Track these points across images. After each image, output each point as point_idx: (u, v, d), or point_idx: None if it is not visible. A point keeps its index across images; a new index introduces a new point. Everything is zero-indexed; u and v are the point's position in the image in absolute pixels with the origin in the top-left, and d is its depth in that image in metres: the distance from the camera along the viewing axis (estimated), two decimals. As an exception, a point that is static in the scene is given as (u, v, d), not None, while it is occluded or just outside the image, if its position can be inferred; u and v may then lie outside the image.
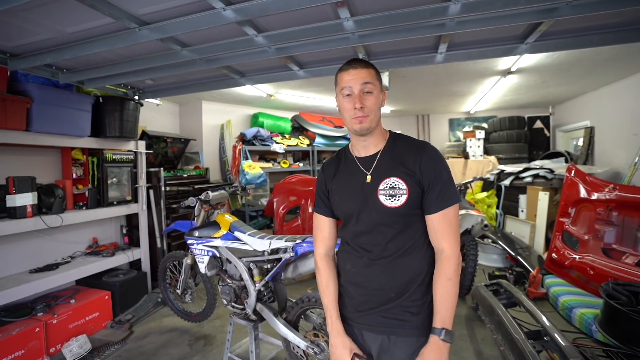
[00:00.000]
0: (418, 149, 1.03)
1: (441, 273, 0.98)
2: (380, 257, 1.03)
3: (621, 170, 4.07)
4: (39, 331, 2.30)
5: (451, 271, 0.97)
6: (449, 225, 0.99)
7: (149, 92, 3.22)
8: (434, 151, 1.02)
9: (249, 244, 1.99)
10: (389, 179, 1.01)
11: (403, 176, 1.00)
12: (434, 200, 0.98)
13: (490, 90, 4.64)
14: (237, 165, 4.63)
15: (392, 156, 1.05)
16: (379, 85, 1.04)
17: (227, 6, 1.53)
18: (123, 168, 3.25)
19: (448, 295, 0.97)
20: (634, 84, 3.96)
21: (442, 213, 0.98)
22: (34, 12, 1.62)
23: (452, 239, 0.99)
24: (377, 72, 1.05)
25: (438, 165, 1.00)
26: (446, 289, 0.97)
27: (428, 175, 0.99)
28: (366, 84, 1.00)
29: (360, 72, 1.01)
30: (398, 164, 1.02)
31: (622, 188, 2.99)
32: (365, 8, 1.65)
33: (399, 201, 0.99)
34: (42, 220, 2.46)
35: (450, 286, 0.97)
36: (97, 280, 2.99)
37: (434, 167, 0.99)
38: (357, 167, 1.08)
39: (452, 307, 0.97)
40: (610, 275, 2.74)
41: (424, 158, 1.00)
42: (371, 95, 1.01)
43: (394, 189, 1.00)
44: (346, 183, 1.10)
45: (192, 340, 2.67)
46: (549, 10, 1.57)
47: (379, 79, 1.05)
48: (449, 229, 0.99)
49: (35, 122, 2.46)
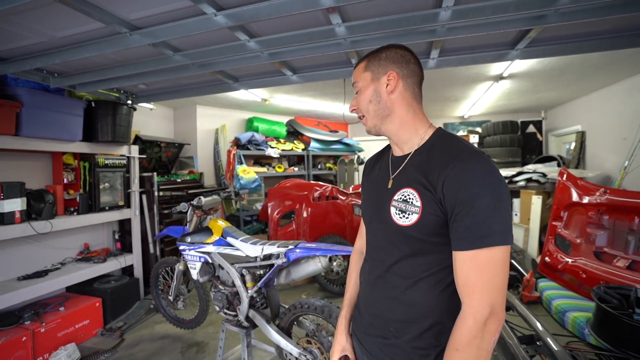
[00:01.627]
0: (452, 156, 0.75)
1: (451, 338, 0.72)
2: (383, 280, 0.86)
3: (612, 174, 4.12)
4: (25, 340, 2.25)
5: (462, 338, 0.69)
6: (477, 273, 0.69)
7: (142, 96, 3.21)
8: (473, 164, 0.72)
9: (241, 249, 1.97)
10: (406, 189, 0.81)
11: (421, 189, 0.78)
12: (461, 234, 0.71)
13: (483, 95, 4.68)
14: (231, 169, 4.61)
15: (422, 161, 0.83)
16: (366, 77, 0.89)
17: (218, 12, 1.53)
18: (116, 173, 3.22)
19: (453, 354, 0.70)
20: (623, 90, 4.03)
21: (470, 255, 0.70)
22: (24, 16, 1.60)
23: (479, 294, 0.68)
24: (368, 61, 0.90)
25: (474, 185, 0.70)
26: (450, 347, 0.71)
27: (453, 196, 0.72)
28: (354, 84, 0.92)
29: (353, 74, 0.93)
30: (422, 172, 0.80)
31: (613, 192, 3.02)
32: (357, 14, 1.66)
33: (409, 220, 0.78)
34: (31, 226, 2.42)
35: (456, 344, 0.69)
36: (88, 287, 2.94)
37: (465, 187, 0.71)
38: (387, 168, 0.92)
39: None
40: (602, 278, 2.77)
41: (452, 171, 0.73)
42: (359, 95, 0.90)
43: (407, 204, 0.79)
44: (374, 184, 0.96)
45: (185, 347, 2.63)
46: (538, 18, 1.59)
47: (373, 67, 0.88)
48: (476, 278, 0.69)
49: (25, 126, 2.42)
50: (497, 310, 0.68)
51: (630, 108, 3.89)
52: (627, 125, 3.86)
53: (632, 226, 2.85)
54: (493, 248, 0.68)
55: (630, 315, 2.10)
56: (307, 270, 1.83)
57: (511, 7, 1.47)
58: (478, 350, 0.68)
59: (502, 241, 0.68)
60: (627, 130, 3.84)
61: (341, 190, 4.14)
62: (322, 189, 3.92)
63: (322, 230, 3.76)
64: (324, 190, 3.92)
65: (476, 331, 0.67)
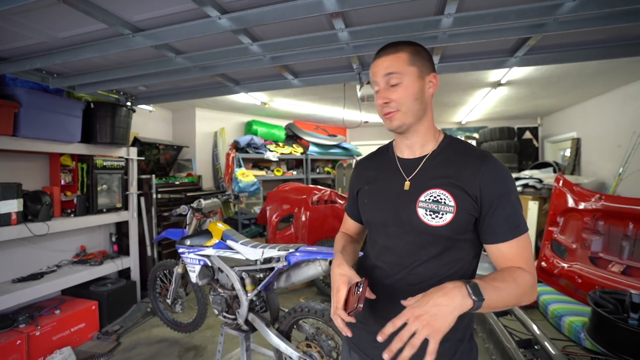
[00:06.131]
0: (479, 158, 0.82)
1: (514, 276, 0.77)
2: (405, 283, 0.85)
3: (606, 180, 4.18)
4: (20, 344, 2.21)
5: (523, 281, 0.76)
6: (528, 253, 0.81)
7: (141, 98, 3.20)
8: (499, 164, 0.82)
9: (241, 252, 1.96)
10: (434, 190, 0.82)
11: (452, 190, 0.81)
12: (502, 226, 0.79)
13: (481, 102, 4.73)
14: (230, 173, 4.60)
15: (443, 162, 0.85)
16: (414, 71, 0.83)
17: (222, 15, 1.53)
18: (114, 175, 3.20)
19: (509, 283, 0.74)
20: (618, 98, 4.10)
21: (514, 242, 0.79)
22: (26, 16, 1.60)
23: (532, 268, 0.81)
24: (414, 54, 0.84)
25: (506, 182, 0.80)
26: (509, 275, 0.76)
27: (491, 194, 0.79)
28: (390, 74, 0.83)
29: (385, 62, 0.84)
30: (449, 173, 0.83)
31: (608, 198, 3.06)
32: (360, 19, 1.68)
33: (443, 220, 0.80)
34: (28, 227, 2.40)
35: (517, 280, 0.75)
36: (84, 290, 2.91)
37: (500, 184, 0.79)
38: (396, 170, 0.91)
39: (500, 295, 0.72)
40: (597, 283, 2.79)
41: (487, 171, 0.80)
42: (399, 87, 0.83)
43: (439, 204, 0.81)
44: (381, 186, 0.93)
45: (182, 351, 2.61)
46: (538, 26, 1.62)
47: (417, 62, 0.84)
48: (526, 256, 0.80)
49: (23, 127, 2.40)
50: (536, 279, 0.81)
51: (625, 116, 3.95)
52: (622, 132, 3.92)
53: (626, 232, 2.88)
54: (525, 235, 0.81)
55: (625, 320, 2.12)
56: (307, 274, 1.83)
57: (512, 15, 1.49)
58: (525, 290, 0.77)
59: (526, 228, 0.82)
60: (621, 137, 3.90)
61: (339, 194, 4.15)
62: (321, 192, 3.92)
63: (320, 234, 3.76)
64: (322, 194, 3.92)
65: (533, 283, 0.79)
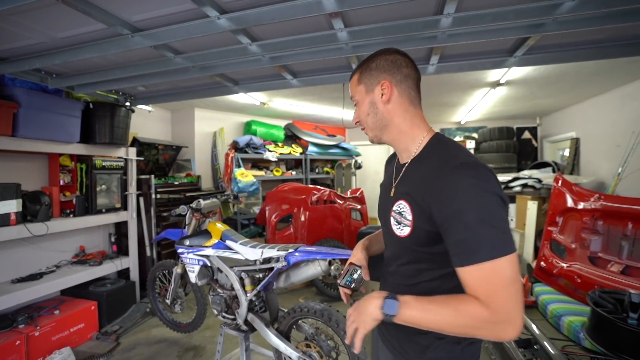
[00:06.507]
0: (438, 168, 0.74)
1: (457, 299, 0.69)
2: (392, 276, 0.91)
3: (605, 180, 4.19)
4: (19, 344, 2.21)
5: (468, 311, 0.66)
6: (488, 286, 0.65)
7: (140, 98, 3.20)
8: (456, 178, 0.69)
9: (240, 253, 1.96)
10: (401, 201, 0.81)
11: (412, 203, 0.78)
12: (454, 250, 0.69)
13: (480, 102, 4.74)
14: (229, 173, 4.60)
15: (415, 172, 0.83)
16: (361, 90, 0.88)
17: (221, 15, 1.53)
18: (113, 175, 3.20)
19: (446, 308, 0.68)
20: (616, 97, 4.10)
21: (471, 270, 0.66)
22: (25, 16, 1.60)
23: (493, 301, 0.64)
24: (360, 74, 0.89)
25: (458, 200, 0.68)
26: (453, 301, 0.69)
27: (440, 212, 0.70)
28: (352, 98, 0.93)
29: (349, 89, 0.93)
30: (413, 185, 0.80)
31: (607, 198, 3.07)
32: (359, 19, 1.68)
33: (403, 232, 0.80)
34: (27, 228, 2.39)
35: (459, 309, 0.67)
36: (84, 290, 2.90)
37: (450, 202, 0.69)
38: (392, 174, 0.92)
39: (429, 317, 0.69)
40: (596, 283, 2.80)
41: (437, 187, 0.72)
42: (357, 107, 0.91)
43: (401, 216, 0.80)
44: (383, 188, 0.97)
45: (182, 351, 2.61)
46: (536, 26, 1.63)
47: (363, 79, 0.88)
48: (487, 289, 0.65)
49: (22, 127, 2.40)
50: (503, 317, 0.64)
51: (623, 116, 3.96)
52: (621, 132, 3.92)
53: (625, 232, 2.89)
54: (489, 262, 0.64)
55: (625, 320, 2.13)
56: (306, 274, 1.83)
57: (511, 15, 1.50)
58: (468, 323, 0.66)
59: (494, 255, 0.64)
60: (620, 137, 3.90)
61: (339, 194, 4.15)
62: (320, 192, 3.92)
63: (319, 234, 3.76)
64: (321, 194, 3.92)
65: (485, 317, 0.64)
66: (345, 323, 1.70)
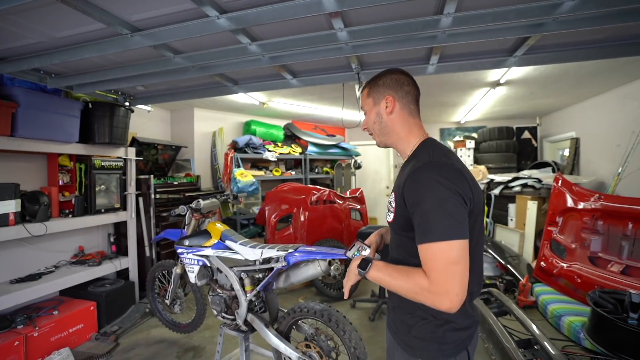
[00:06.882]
0: (414, 166, 0.92)
1: (408, 270, 0.88)
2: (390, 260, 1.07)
3: (605, 180, 4.19)
4: (18, 345, 2.20)
5: (418, 281, 0.83)
6: (431, 262, 0.82)
7: (140, 98, 3.19)
8: (420, 173, 0.88)
9: (240, 253, 1.96)
10: (392, 193, 1.02)
11: (396, 194, 0.96)
12: (416, 231, 0.86)
13: (480, 101, 4.74)
14: (228, 173, 4.59)
15: (404, 169, 1.02)
16: (369, 102, 1.07)
17: (221, 14, 1.53)
18: (112, 175, 3.19)
19: (403, 274, 0.87)
20: (616, 97, 4.10)
21: (423, 248, 0.84)
22: (24, 16, 1.59)
23: (433, 277, 0.81)
24: (369, 89, 1.07)
25: (419, 191, 0.86)
26: (410, 271, 0.87)
27: (408, 200, 0.89)
28: (361, 108, 1.11)
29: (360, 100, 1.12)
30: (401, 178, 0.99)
31: (607, 198, 3.07)
32: (359, 19, 1.68)
33: (389, 218, 1.01)
34: (25, 228, 2.38)
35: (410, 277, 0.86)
36: (83, 291, 2.90)
37: (414, 192, 0.87)
38: None
39: (390, 280, 0.90)
40: (596, 283, 2.80)
41: (408, 180, 0.90)
42: (367, 116, 1.09)
43: (390, 205, 1.01)
44: None
45: (181, 352, 2.60)
46: (537, 25, 1.62)
47: (373, 94, 1.06)
48: (430, 265, 0.82)
49: (20, 127, 2.39)
50: (439, 289, 0.80)
51: (623, 115, 3.96)
52: (621, 132, 3.92)
53: (625, 231, 2.89)
54: (432, 244, 0.81)
55: (625, 320, 2.12)
56: (306, 274, 1.83)
57: (511, 14, 1.49)
58: (414, 289, 0.85)
59: (441, 237, 0.80)
60: (620, 137, 3.90)
61: (338, 194, 4.14)
62: (320, 192, 3.92)
63: (319, 234, 3.76)
64: (321, 194, 3.92)
65: (425, 287, 0.82)
66: (344, 323, 1.71)
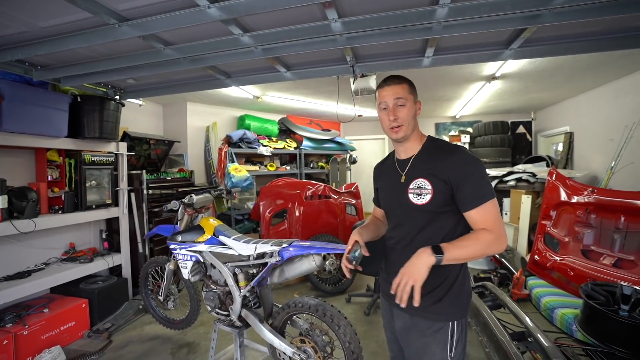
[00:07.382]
0: (447, 152, 1.14)
1: (475, 234, 1.06)
2: (410, 246, 1.15)
3: (598, 174, 4.22)
4: (7, 344, 2.16)
5: (485, 238, 1.04)
6: (491, 216, 1.06)
7: (130, 91, 3.12)
8: (462, 154, 1.11)
9: (234, 248, 1.93)
10: (418, 179, 1.15)
11: (429, 177, 1.13)
12: (466, 199, 1.07)
13: (475, 95, 4.73)
14: (222, 168, 4.54)
15: (424, 159, 1.18)
16: (412, 98, 1.18)
17: (211, 3, 1.48)
18: (103, 170, 3.13)
19: (472, 240, 1.04)
20: (609, 92, 4.12)
21: (479, 209, 1.06)
22: (4, 3, 1.52)
23: (494, 227, 1.05)
24: (410, 86, 1.19)
25: (468, 166, 1.09)
26: (473, 236, 1.06)
27: (456, 176, 1.08)
28: (399, 98, 1.16)
29: (394, 88, 1.16)
30: (427, 166, 1.15)
31: (600, 191, 3.08)
32: (353, 9, 1.64)
33: (424, 199, 1.13)
34: (13, 225, 2.33)
35: (479, 238, 1.04)
36: (74, 288, 2.85)
37: (462, 168, 1.08)
38: (396, 168, 1.25)
39: (465, 250, 1.04)
40: (589, 276, 2.82)
41: (452, 161, 1.11)
42: (404, 108, 1.16)
43: (420, 189, 1.14)
44: (388, 181, 1.30)
45: (175, 348, 2.58)
46: (533, 17, 1.60)
47: (413, 92, 1.19)
48: (490, 219, 1.06)
49: (6, 121, 2.33)
50: (502, 235, 1.06)
51: (616, 110, 3.98)
52: (614, 126, 3.95)
53: (618, 225, 2.91)
54: (490, 202, 1.07)
55: (616, 312, 2.14)
56: (301, 269, 1.81)
57: (507, 5, 1.47)
58: (488, 245, 1.05)
59: (492, 197, 1.08)
60: (613, 131, 3.93)
61: (333, 189, 4.13)
62: (315, 187, 3.90)
63: (314, 229, 3.74)
64: (316, 189, 3.90)
65: (494, 238, 1.05)
66: (339, 318, 1.70)
